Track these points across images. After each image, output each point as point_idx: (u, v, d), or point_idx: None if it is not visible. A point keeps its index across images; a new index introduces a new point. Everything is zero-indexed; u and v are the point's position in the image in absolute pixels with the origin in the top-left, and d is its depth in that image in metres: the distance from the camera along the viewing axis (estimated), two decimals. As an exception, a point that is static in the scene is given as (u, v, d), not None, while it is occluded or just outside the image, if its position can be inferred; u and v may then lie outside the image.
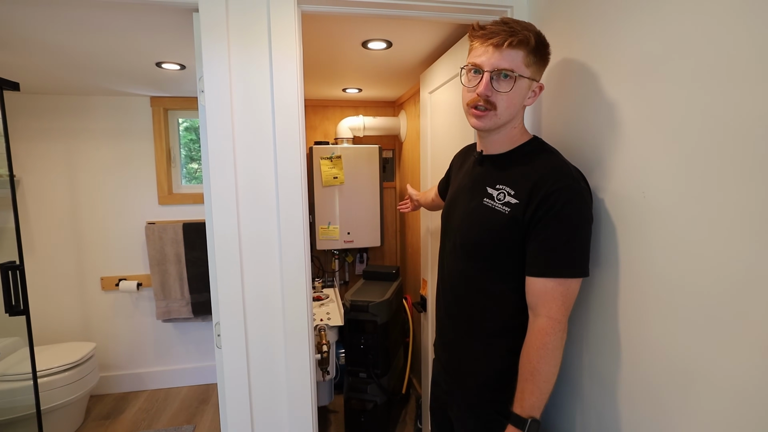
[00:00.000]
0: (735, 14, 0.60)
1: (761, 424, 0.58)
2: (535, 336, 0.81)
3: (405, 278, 2.78)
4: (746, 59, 0.58)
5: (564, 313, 0.80)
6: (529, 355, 0.81)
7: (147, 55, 1.65)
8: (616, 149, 0.84)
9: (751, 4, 0.57)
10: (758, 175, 0.57)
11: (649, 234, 0.77)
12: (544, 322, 0.80)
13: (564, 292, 0.80)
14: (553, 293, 0.80)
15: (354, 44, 1.55)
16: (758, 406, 0.59)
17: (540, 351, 0.80)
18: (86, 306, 2.48)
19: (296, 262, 1.10)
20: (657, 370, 0.76)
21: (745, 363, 0.60)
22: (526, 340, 0.83)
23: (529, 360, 0.81)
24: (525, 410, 0.81)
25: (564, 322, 0.80)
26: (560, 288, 0.80)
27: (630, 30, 0.80)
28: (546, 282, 0.80)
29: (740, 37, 0.59)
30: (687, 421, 0.70)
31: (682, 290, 0.70)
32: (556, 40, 1.03)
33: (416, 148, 2.36)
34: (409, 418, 2.29)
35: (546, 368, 0.80)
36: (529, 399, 0.80)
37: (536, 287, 0.82)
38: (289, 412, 1.14)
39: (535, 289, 0.82)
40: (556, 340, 0.80)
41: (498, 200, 0.87)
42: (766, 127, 0.56)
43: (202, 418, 2.31)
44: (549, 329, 0.80)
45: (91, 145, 2.40)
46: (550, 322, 0.80)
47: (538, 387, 0.80)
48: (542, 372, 0.79)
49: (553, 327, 0.80)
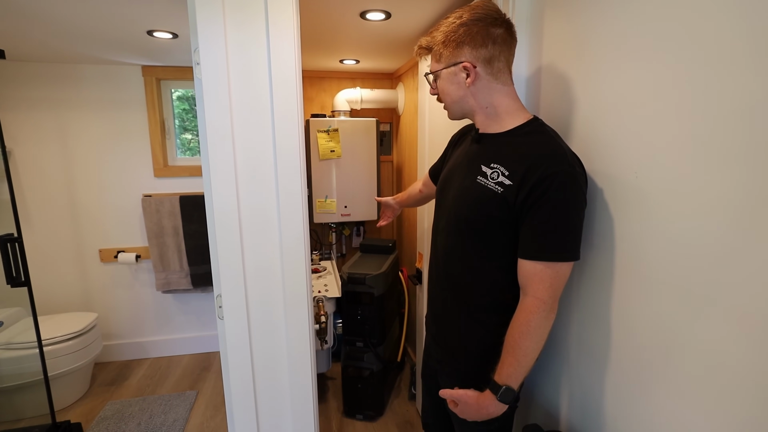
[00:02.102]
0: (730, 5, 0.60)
1: (731, 384, 0.63)
2: (521, 313, 0.85)
3: (401, 251, 2.82)
4: (736, 51, 0.59)
5: (551, 294, 0.83)
6: (513, 330, 0.86)
7: (138, 23, 1.60)
8: (609, 129, 0.85)
9: None
10: (739, 161, 0.59)
11: (638, 213, 0.79)
12: (530, 302, 0.84)
13: (552, 275, 0.82)
14: (542, 275, 0.83)
15: (352, 14, 1.51)
16: (729, 369, 0.63)
17: (522, 327, 0.84)
18: (86, 277, 2.51)
19: (295, 234, 1.12)
20: (641, 339, 0.80)
21: (719, 331, 0.64)
22: (513, 317, 0.87)
23: (512, 335, 0.85)
24: (502, 378, 0.86)
25: (550, 303, 0.83)
26: (549, 271, 0.82)
27: (628, 12, 0.79)
28: (535, 264, 0.83)
29: (734, 28, 0.59)
30: (667, 385, 0.75)
31: (665, 265, 0.73)
32: (554, 17, 1.02)
33: (414, 122, 2.34)
34: (404, 384, 2.39)
35: (526, 344, 0.83)
36: (507, 370, 0.85)
37: (526, 269, 0.85)
38: (290, 378, 1.19)
39: (525, 271, 0.85)
40: (539, 319, 0.83)
41: (491, 179, 0.88)
42: (750, 118, 0.57)
43: (204, 384, 2.39)
44: (533, 308, 0.83)
45: (83, 116, 2.36)
46: (535, 302, 0.83)
47: (516, 360, 0.84)
48: (522, 347, 0.84)
49: (537, 307, 0.83)
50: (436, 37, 0.92)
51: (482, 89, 0.91)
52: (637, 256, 0.80)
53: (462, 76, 0.90)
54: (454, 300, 1.00)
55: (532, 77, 1.13)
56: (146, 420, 2.07)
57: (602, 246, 0.89)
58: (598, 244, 0.90)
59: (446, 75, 0.92)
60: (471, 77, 0.89)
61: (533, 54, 1.11)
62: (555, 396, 1.08)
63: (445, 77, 0.93)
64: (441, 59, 0.92)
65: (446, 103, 0.97)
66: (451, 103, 0.96)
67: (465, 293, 0.97)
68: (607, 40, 0.86)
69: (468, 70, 0.89)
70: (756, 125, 0.58)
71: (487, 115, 0.93)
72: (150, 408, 2.17)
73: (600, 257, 0.90)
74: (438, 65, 0.93)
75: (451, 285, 1.00)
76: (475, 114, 0.95)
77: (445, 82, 0.93)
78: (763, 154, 0.57)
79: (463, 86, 0.91)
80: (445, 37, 0.90)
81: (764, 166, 0.57)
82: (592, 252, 0.92)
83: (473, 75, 0.89)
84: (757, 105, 0.58)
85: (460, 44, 0.89)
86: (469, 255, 0.95)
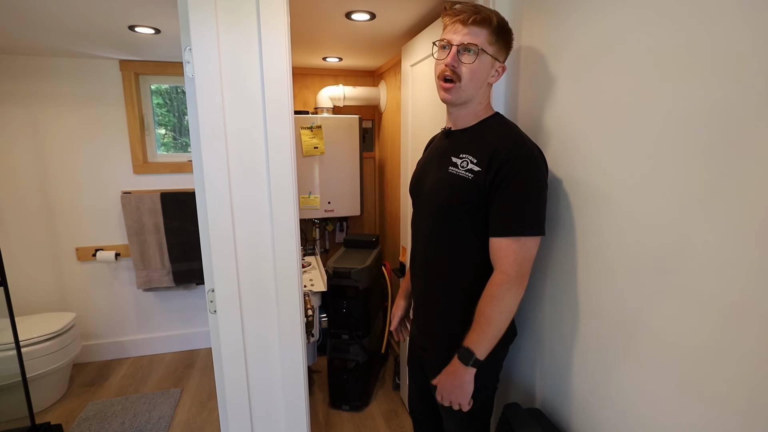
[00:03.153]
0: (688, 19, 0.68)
1: (687, 361, 0.72)
2: (489, 285, 0.92)
3: (384, 246, 2.88)
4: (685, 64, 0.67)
5: (515, 268, 0.89)
6: (480, 300, 0.93)
7: (119, 18, 1.58)
8: (582, 131, 0.93)
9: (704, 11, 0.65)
10: (690, 160, 0.67)
11: (606, 205, 0.87)
12: (497, 275, 0.91)
13: (517, 250, 0.89)
14: (507, 250, 0.90)
15: (338, 14, 1.55)
16: (683, 345, 0.72)
17: (486, 297, 0.91)
18: (62, 277, 2.45)
19: (287, 230, 1.16)
20: (605, 320, 0.89)
21: (674, 311, 0.73)
22: (485, 290, 0.94)
23: (479, 304, 0.93)
24: (466, 342, 0.94)
25: (514, 276, 0.89)
26: (514, 245, 0.89)
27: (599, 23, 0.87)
28: (502, 240, 0.90)
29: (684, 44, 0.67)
30: (630, 362, 0.83)
31: (629, 252, 0.82)
32: (532, 24, 1.09)
33: (396, 119, 2.39)
34: (388, 375, 2.45)
35: (489, 313, 0.90)
36: (471, 335, 0.93)
37: (495, 246, 0.92)
38: (282, 371, 1.23)
39: (494, 248, 0.92)
40: (503, 291, 0.89)
41: (462, 167, 0.96)
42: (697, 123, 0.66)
43: (188, 381, 2.39)
44: (498, 281, 0.90)
45: (56, 111, 2.29)
46: (500, 275, 0.90)
47: (480, 327, 0.91)
48: (485, 315, 0.90)
49: (502, 280, 0.90)
50: (493, 19, 0.92)
51: (488, 88, 1.00)
52: (602, 244, 0.89)
53: (493, 71, 0.97)
54: (436, 287, 1.06)
55: (511, 79, 1.20)
56: (130, 419, 2.05)
57: (571, 235, 0.98)
58: (567, 233, 0.99)
59: (488, 61, 0.94)
60: (496, 77, 0.98)
61: (512, 57, 1.18)
62: (531, 375, 1.17)
63: (486, 62, 0.94)
64: (492, 45, 0.93)
65: (466, 82, 0.94)
66: (471, 85, 0.95)
67: (445, 279, 1.04)
68: (578, 48, 0.93)
69: (499, 71, 0.98)
70: (703, 129, 0.66)
71: (472, 109, 1.00)
72: (133, 407, 2.15)
73: (569, 245, 0.98)
74: (489, 48, 0.93)
75: (433, 272, 1.06)
76: (468, 105, 0.99)
77: (482, 66, 0.94)
78: (709, 154, 0.65)
79: (487, 79, 0.97)
80: (502, 27, 0.93)
81: (711, 164, 0.65)
82: (562, 240, 1.01)
83: (498, 76, 0.98)
84: (703, 112, 0.66)
85: (508, 44, 0.97)
86: (448, 241, 1.01)
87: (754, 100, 0.59)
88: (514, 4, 1.16)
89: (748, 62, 0.60)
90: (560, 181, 1.01)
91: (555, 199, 1.03)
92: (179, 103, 2.66)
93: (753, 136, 0.59)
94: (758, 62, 0.58)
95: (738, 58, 0.61)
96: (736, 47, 0.61)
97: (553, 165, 1.03)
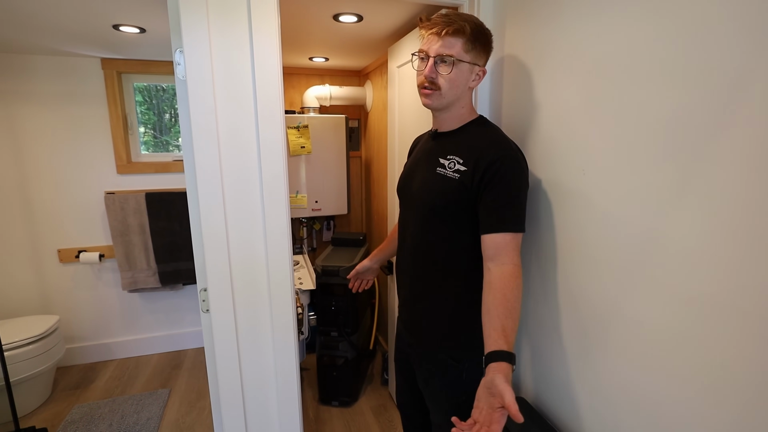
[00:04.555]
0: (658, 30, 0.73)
1: (660, 347, 0.78)
2: (509, 280, 0.89)
3: (371, 244, 2.91)
4: (660, 69, 0.72)
5: (518, 260, 0.93)
6: (506, 296, 0.88)
7: (104, 17, 1.57)
8: (563, 133, 0.99)
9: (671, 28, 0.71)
10: (659, 161, 0.73)
11: (584, 203, 0.93)
12: (512, 269, 0.91)
13: (516, 244, 0.94)
14: (511, 245, 0.92)
15: (326, 16, 1.57)
16: (656, 334, 0.78)
17: (515, 291, 0.89)
18: (44, 279, 2.40)
19: (279, 229, 1.18)
20: (583, 311, 0.95)
21: (648, 302, 0.79)
22: (497, 285, 0.90)
23: (506, 300, 0.87)
24: (510, 345, 0.85)
25: (520, 267, 0.93)
26: (515, 240, 0.93)
27: (578, 31, 0.92)
28: (504, 236, 0.92)
29: (651, 52, 0.73)
30: (607, 352, 0.89)
31: (605, 247, 0.87)
32: (515, 31, 1.14)
33: (382, 119, 2.42)
34: (376, 371, 2.49)
35: (518, 306, 0.90)
36: (511, 335, 0.86)
37: (496, 241, 0.92)
38: (275, 367, 1.26)
39: (494, 243, 0.93)
40: (521, 282, 0.92)
41: (449, 168, 1.00)
42: (665, 126, 0.71)
43: (176, 381, 2.38)
44: (517, 273, 0.91)
45: (35, 110, 2.24)
46: (515, 268, 0.91)
47: (516, 322, 0.88)
48: (517, 309, 0.89)
49: (519, 272, 0.92)
50: (466, 28, 0.94)
51: (470, 92, 1.03)
52: (580, 240, 0.95)
53: (473, 77, 1.00)
54: (422, 284, 1.10)
55: (495, 83, 1.25)
56: (118, 420, 2.04)
57: (553, 231, 1.03)
58: (549, 229, 1.04)
59: (466, 68, 0.97)
60: (476, 81, 1.02)
61: (496, 63, 1.23)
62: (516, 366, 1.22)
63: (464, 69, 0.97)
64: (469, 52, 0.96)
65: (445, 90, 0.98)
66: (451, 93, 0.99)
67: (433, 275, 1.07)
68: (556, 55, 0.99)
69: (480, 75, 1.01)
70: (670, 133, 0.72)
71: (455, 112, 1.04)
72: (121, 408, 2.13)
73: (550, 241, 1.04)
74: (466, 56, 0.96)
75: (420, 270, 1.10)
76: (450, 109, 1.03)
77: (461, 74, 0.97)
78: (678, 156, 0.71)
79: (468, 84, 1.00)
80: (478, 33, 0.96)
81: (678, 165, 0.71)
82: (545, 236, 1.06)
83: (479, 80, 1.02)
84: (671, 117, 0.72)
85: (486, 49, 1.00)
86: (434, 238, 1.05)
87: (717, 107, 0.65)
88: (497, 12, 1.21)
89: (713, 71, 0.65)
90: (540, 180, 1.07)
91: (536, 197, 1.08)
92: (159, 101, 2.62)
93: (717, 140, 0.65)
94: (721, 71, 0.64)
95: (704, 67, 0.67)
96: (701, 57, 0.67)
97: (535, 165, 1.09)
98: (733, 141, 0.63)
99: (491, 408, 0.78)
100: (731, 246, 0.64)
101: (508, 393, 0.76)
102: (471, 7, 1.24)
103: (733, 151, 0.63)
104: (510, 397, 0.75)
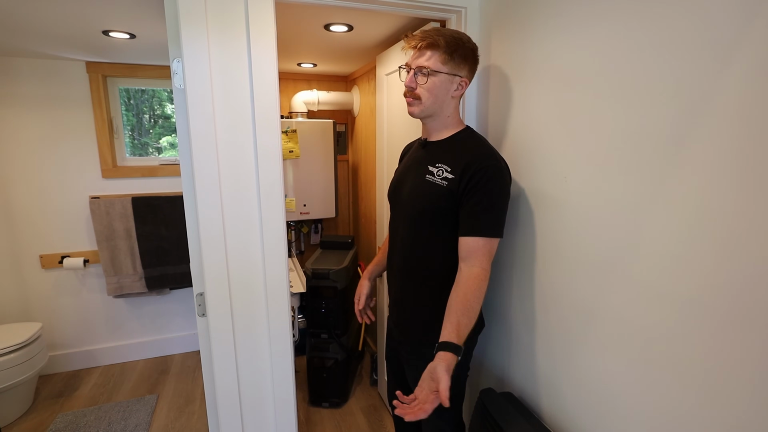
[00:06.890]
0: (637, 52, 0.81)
1: (635, 341, 0.85)
2: (473, 281, 0.97)
3: (359, 247, 2.95)
4: (625, 86, 0.80)
5: (488, 265, 1.00)
6: (467, 295, 0.96)
7: (94, 23, 1.57)
8: (544, 143, 1.06)
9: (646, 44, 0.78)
10: (632, 169, 0.81)
11: (563, 209, 1.00)
12: (479, 272, 0.99)
13: (489, 249, 1.00)
14: (483, 249, 0.99)
15: (317, 26, 1.61)
16: (632, 329, 0.85)
17: (476, 293, 0.97)
18: (24, 286, 2.35)
19: (276, 234, 1.21)
20: (563, 309, 1.02)
21: (623, 300, 0.86)
22: (462, 284, 0.98)
23: (467, 299, 0.96)
24: (460, 339, 0.94)
25: (488, 271, 1.00)
26: (487, 245, 1.00)
27: (559, 45, 0.99)
28: (478, 240, 0.99)
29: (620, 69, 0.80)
30: (587, 345, 0.96)
31: (583, 249, 0.95)
32: (500, 46, 1.21)
33: (369, 124, 2.47)
34: (365, 371, 2.53)
35: (476, 306, 0.98)
36: (464, 330, 0.95)
37: (470, 244, 1.00)
38: (271, 369, 1.28)
39: (468, 245, 1.00)
40: (485, 285, 0.99)
41: (438, 176, 1.06)
42: (636, 138, 0.79)
43: (164, 387, 2.36)
44: (483, 277, 0.99)
45: (17, 113, 2.20)
46: (483, 272, 0.99)
47: (471, 321, 0.97)
48: (474, 309, 0.97)
49: (485, 276, 0.99)
50: (440, 41, 1.01)
51: (453, 101, 1.09)
52: (559, 241, 1.02)
53: (454, 87, 1.06)
54: (411, 283, 1.16)
55: (482, 94, 1.31)
56: (104, 428, 2.02)
57: (534, 234, 1.10)
58: (530, 232, 1.11)
59: (444, 78, 1.04)
60: (459, 91, 1.07)
61: (483, 75, 1.30)
62: (502, 362, 1.29)
63: (443, 80, 1.04)
64: (446, 63, 1.03)
65: (425, 99, 1.05)
66: (431, 102, 1.05)
67: (421, 275, 1.13)
68: (539, 68, 1.06)
69: (462, 85, 1.06)
70: (640, 144, 0.79)
71: (441, 121, 1.10)
72: (107, 416, 2.11)
73: (531, 243, 1.11)
74: (443, 67, 1.03)
75: (409, 270, 1.16)
76: (436, 118, 1.10)
77: (439, 84, 1.04)
78: (648, 165, 0.79)
79: (449, 94, 1.06)
80: (455, 46, 1.02)
81: (648, 173, 0.79)
82: (526, 238, 1.13)
83: (461, 90, 1.07)
84: (642, 129, 0.79)
85: (466, 60, 1.05)
86: (423, 241, 1.11)
87: (684, 120, 0.72)
88: (483, 27, 1.27)
89: (684, 88, 0.73)
90: (522, 189, 1.14)
91: (518, 203, 1.15)
92: (138, 102, 2.60)
93: (683, 150, 0.73)
94: (689, 88, 0.72)
95: (674, 85, 0.74)
96: (672, 75, 0.74)
97: (518, 173, 1.15)
98: (700, 149, 0.70)
99: (429, 390, 0.88)
100: (699, 247, 0.71)
101: (444, 381, 0.86)
102: (458, 21, 1.31)
103: (700, 158, 0.70)
104: (444, 385, 0.86)
